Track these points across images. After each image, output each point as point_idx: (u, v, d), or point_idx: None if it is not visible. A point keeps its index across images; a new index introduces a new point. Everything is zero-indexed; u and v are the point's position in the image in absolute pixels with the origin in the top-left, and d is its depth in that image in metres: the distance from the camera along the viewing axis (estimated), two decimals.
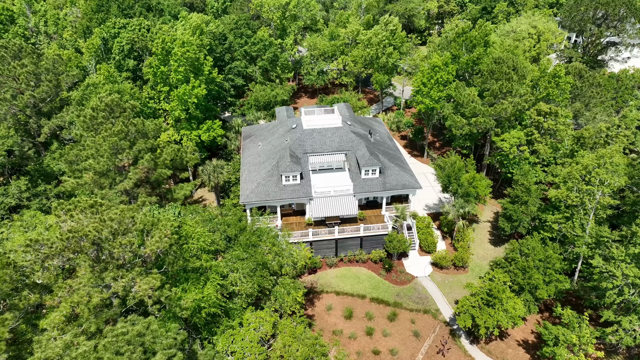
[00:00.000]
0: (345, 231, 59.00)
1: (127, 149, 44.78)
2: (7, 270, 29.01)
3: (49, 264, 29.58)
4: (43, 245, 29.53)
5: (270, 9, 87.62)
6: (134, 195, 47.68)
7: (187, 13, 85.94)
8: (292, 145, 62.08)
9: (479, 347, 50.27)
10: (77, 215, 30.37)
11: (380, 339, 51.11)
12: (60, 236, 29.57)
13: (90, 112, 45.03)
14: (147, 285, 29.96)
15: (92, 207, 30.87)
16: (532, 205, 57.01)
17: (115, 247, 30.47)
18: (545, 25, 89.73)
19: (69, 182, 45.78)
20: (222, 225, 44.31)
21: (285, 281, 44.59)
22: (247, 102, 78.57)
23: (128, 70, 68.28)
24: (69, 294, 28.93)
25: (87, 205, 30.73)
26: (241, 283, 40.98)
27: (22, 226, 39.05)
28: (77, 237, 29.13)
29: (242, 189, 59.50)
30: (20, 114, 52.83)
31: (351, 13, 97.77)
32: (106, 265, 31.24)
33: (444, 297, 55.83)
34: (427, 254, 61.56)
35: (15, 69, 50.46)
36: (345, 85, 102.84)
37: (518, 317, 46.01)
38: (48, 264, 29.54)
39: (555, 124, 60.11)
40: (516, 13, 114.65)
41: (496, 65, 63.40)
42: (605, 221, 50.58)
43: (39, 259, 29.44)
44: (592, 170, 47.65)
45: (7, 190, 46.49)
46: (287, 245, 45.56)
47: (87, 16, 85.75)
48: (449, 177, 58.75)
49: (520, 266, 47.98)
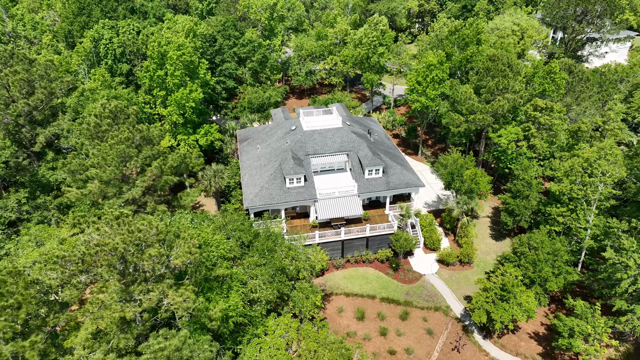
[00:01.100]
0: (352, 232, 58.76)
1: (135, 156, 43.33)
2: (32, 290, 27.54)
3: (77, 280, 28.23)
4: (69, 262, 28.16)
5: (257, 9, 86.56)
6: (141, 203, 46.21)
7: (172, 15, 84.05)
8: (293, 147, 61.40)
9: (492, 341, 50.84)
10: (103, 227, 29.10)
11: (394, 339, 51.09)
12: (87, 250, 28.27)
13: (94, 120, 43.37)
14: (181, 298, 28.95)
15: (118, 218, 29.63)
16: (533, 199, 58.07)
17: (145, 259, 29.36)
18: (528, 22, 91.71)
19: (72, 192, 43.94)
20: (237, 231, 43.37)
21: (303, 285, 44.04)
22: (240, 104, 77.41)
23: (121, 75, 66.12)
24: (100, 310, 27.66)
25: (112, 217, 29.46)
26: (261, 290, 40.22)
27: (31, 241, 37.21)
28: (107, 251, 27.90)
29: (245, 193, 58.50)
30: (11, 124, 50.51)
31: (338, 13, 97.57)
32: (134, 278, 30.09)
33: (453, 294, 56.24)
34: (432, 251, 61.94)
35: (8, 77, 48.16)
36: (334, 85, 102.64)
37: (532, 310, 46.69)
38: (76, 281, 28.18)
39: (551, 119, 61.37)
40: (496, 11, 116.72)
41: (492, 62, 64.25)
42: (606, 212, 51.86)
43: (65, 275, 28.06)
44: (593, 163, 48.76)
45: (6, 204, 44.23)
46: (304, 248, 44.95)
47: (68, 20, 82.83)
48: (452, 174, 59.24)
49: (531, 260, 48.71)
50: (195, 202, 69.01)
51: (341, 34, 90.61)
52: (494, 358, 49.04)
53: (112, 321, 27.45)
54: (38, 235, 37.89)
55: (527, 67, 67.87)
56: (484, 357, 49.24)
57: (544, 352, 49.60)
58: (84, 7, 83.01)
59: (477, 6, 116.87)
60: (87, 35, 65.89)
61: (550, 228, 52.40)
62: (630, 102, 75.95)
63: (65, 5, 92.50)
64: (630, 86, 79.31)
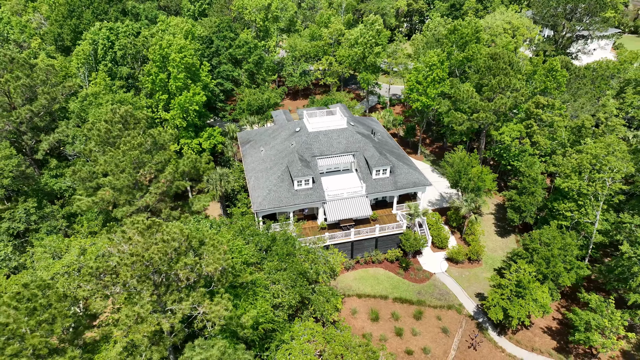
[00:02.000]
0: (361, 233, 58.54)
1: (149, 162, 42.29)
2: (65, 303, 26.51)
3: (112, 291, 27.28)
4: (103, 273, 27.21)
5: (252, 10, 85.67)
6: (155, 210, 45.13)
7: (165, 17, 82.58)
8: (299, 149, 60.89)
9: (507, 337, 51.22)
10: (135, 237, 28.20)
11: (410, 339, 51.05)
12: (121, 261, 27.37)
13: (105, 125, 42.15)
14: (218, 307, 28.25)
15: (150, 227, 28.75)
16: (539, 195, 58.80)
17: (179, 268, 28.58)
18: (519, 20, 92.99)
19: (83, 201, 42.59)
20: (255, 236, 42.71)
21: (323, 289, 43.61)
22: (239, 106, 76.48)
23: (122, 79, 64.46)
24: (136, 323, 26.77)
25: (144, 226, 28.57)
26: (283, 294, 39.68)
27: (46, 252, 35.89)
28: (143, 262, 27.04)
29: (253, 197, 57.77)
30: (12, 131, 48.80)
31: (332, 13, 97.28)
32: (166, 288, 29.27)
33: (464, 292, 56.51)
34: (440, 249, 62.17)
35: (9, 82, 46.46)
36: (328, 86, 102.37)
37: (547, 305, 47.17)
38: (111, 292, 27.23)
39: (552, 116, 62.21)
40: (484, 10, 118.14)
41: (493, 61, 64.83)
42: (613, 207, 52.75)
43: (100, 287, 27.09)
44: (602, 159, 49.54)
45: (13, 214, 42.57)
46: (323, 251, 44.53)
47: (57, 23, 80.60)
48: (460, 172, 59.55)
49: (544, 255, 49.20)
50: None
51: (336, 34, 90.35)
52: (510, 354, 49.42)
53: (145, 334, 26.57)
54: (52, 246, 36.54)
55: (526, 65, 68.65)
56: (501, 354, 49.58)
57: (558, 346, 50.21)
58: (73, 10, 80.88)
59: (465, 5, 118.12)
60: (85, 37, 64.08)
61: (560, 223, 53.02)
62: (623, 98, 77.57)
63: (52, 8, 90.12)
64: (622, 82, 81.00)
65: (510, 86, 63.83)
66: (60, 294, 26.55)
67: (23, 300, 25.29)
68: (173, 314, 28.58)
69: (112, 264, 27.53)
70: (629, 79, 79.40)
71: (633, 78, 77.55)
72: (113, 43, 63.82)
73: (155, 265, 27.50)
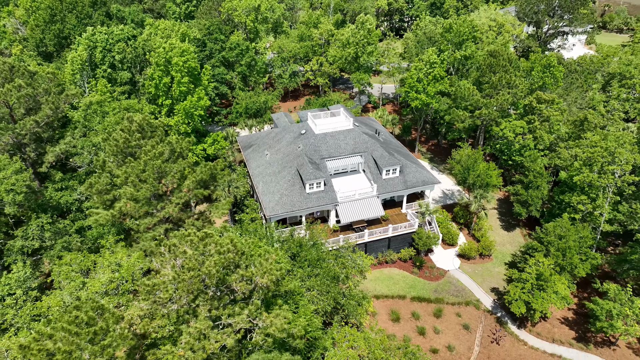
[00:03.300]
0: (375, 233, 58.31)
1: (170, 171, 40.76)
2: (124, 325, 25.06)
3: (170, 309, 25.98)
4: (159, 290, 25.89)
5: (242, 12, 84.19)
6: (176, 221, 43.55)
7: (153, 20, 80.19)
8: (307, 151, 60.15)
9: (527, 330, 52.03)
10: (191, 251, 26.98)
11: (433, 337, 51.18)
12: (177, 277, 26.13)
13: (123, 135, 40.35)
14: (279, 319, 27.35)
15: (204, 239, 27.57)
16: (544, 189, 60.05)
17: (235, 280, 27.55)
18: (503, 17, 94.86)
19: (101, 214, 40.59)
20: (284, 242, 41.81)
21: (354, 292, 43.12)
22: (236, 110, 75.02)
23: (123, 84, 61.86)
24: (198, 340, 25.57)
25: (198, 238, 27.37)
26: (319, 300, 39.01)
27: (74, 270, 33.88)
28: (202, 276, 25.89)
29: (264, 202, 56.68)
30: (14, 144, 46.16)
31: (320, 13, 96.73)
32: (218, 302, 28.17)
33: (479, 287, 57.09)
34: (450, 246, 62.64)
35: (11, 92, 43.83)
36: (317, 87, 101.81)
37: (568, 296, 48.14)
38: (169, 310, 25.92)
39: (552, 111, 63.61)
40: (464, 8, 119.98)
41: (493, 58, 65.81)
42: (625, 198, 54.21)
43: (158, 305, 25.76)
44: (614, 151, 50.94)
45: (26, 232, 40.10)
46: (352, 254, 44.04)
47: (39, 28, 77.00)
48: (468, 169, 60.12)
49: (561, 247, 50.17)
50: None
51: (326, 34, 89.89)
52: (532, 346, 50.21)
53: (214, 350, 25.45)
54: (78, 264, 34.57)
55: (523, 62, 70.00)
56: (523, 347, 50.32)
57: (577, 336, 51.35)
58: (55, 14, 77.44)
59: (446, 3, 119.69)
60: (80, 42, 61.20)
61: (571, 215, 54.19)
62: (609, 91, 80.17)
63: (29, 12, 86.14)
64: (607, 76, 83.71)
65: (510, 83, 64.92)
66: (118, 315, 25.10)
67: (82, 325, 23.77)
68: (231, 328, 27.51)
69: (166, 280, 26.23)
70: (613, 72, 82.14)
71: (618, 72, 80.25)
72: (111, 47, 61.24)
73: (213, 279, 26.39)
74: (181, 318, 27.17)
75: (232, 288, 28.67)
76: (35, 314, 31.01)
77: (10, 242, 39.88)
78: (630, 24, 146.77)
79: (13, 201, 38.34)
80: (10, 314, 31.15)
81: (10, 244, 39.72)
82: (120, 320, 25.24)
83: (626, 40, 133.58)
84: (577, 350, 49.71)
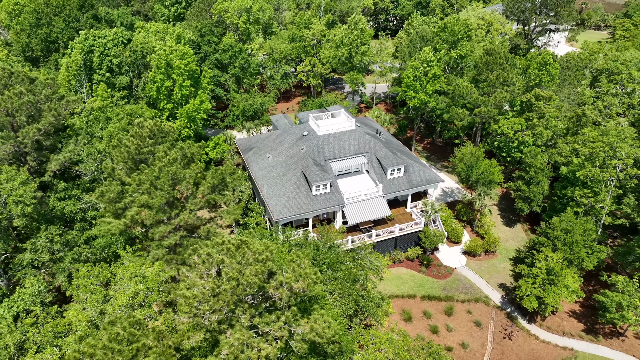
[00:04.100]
0: (382, 233, 58.25)
1: (186, 177, 39.83)
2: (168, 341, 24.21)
3: (211, 321, 25.23)
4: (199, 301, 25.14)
5: (234, 13, 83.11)
6: (189, 228, 42.58)
7: (143, 23, 78.51)
8: (311, 153, 59.70)
9: (537, 325, 52.68)
10: (229, 259, 26.29)
11: (447, 335, 51.37)
12: (217, 287, 25.43)
13: (134, 142, 39.22)
14: (322, 325, 26.90)
15: (239, 247, 26.91)
16: (545, 184, 60.97)
17: (273, 287, 26.98)
18: (491, 16, 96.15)
19: (113, 224, 39.32)
20: (301, 247, 41.31)
21: (372, 294, 42.91)
22: (232, 113, 74.00)
23: (122, 89, 60.07)
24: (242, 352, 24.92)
25: (233, 246, 26.69)
26: (340, 304, 38.67)
27: (93, 282, 32.64)
28: (244, 285, 25.24)
29: (271, 205, 56.03)
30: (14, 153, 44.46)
31: (311, 14, 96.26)
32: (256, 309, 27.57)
33: (487, 283, 57.59)
34: (455, 244, 63.04)
35: (12, 99, 42.12)
36: (308, 88, 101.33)
37: (578, 289, 48.91)
38: (211, 322, 25.17)
39: (549, 108, 64.63)
40: (450, 7, 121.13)
41: (490, 56, 66.50)
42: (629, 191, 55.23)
43: (201, 317, 25.00)
44: (615, 146, 51.98)
45: (34, 244, 38.47)
46: (370, 256, 43.82)
47: (25, 32, 74.51)
48: (472, 166, 60.58)
49: (568, 242, 50.93)
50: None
51: (319, 34, 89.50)
52: (544, 340, 50.87)
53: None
54: (97, 276, 33.35)
55: (519, 59, 70.96)
56: (535, 341, 50.92)
57: (586, 328, 52.26)
58: (41, 18, 75.02)
59: (432, 2, 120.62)
60: (74, 47, 59.26)
61: (574, 209, 55.08)
62: (598, 87, 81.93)
63: (11, 16, 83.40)
64: (594, 72, 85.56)
65: (507, 80, 65.70)
66: (158, 331, 24.23)
67: (124, 342, 22.88)
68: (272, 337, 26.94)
69: (206, 290, 25.51)
70: (601, 68, 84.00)
71: (605, 68, 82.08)
72: (109, 52, 59.45)
73: (254, 287, 25.79)
74: (217, 328, 26.45)
75: (267, 295, 28.12)
76: (59, 331, 29.73)
77: (19, 256, 38.26)
78: (608, 21, 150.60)
79: (22, 213, 36.82)
80: (33, 332, 29.81)
81: (20, 258, 38.11)
82: (161, 335, 24.39)
83: (605, 37, 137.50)
84: (587, 342, 50.58)
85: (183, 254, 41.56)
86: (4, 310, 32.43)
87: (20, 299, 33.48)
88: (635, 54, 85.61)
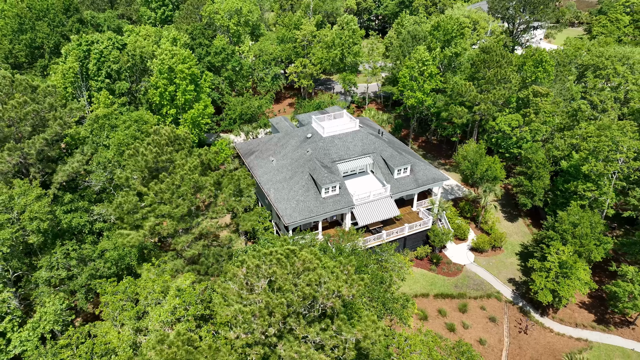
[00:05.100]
0: (392, 233, 58.15)
1: (206, 185, 38.70)
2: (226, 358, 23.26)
3: (269, 335, 24.40)
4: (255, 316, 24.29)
5: (224, 15, 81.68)
6: (208, 235, 41.42)
7: (132, 26, 76.31)
8: (317, 155, 59.13)
9: (550, 317, 53.50)
10: (280, 270, 25.51)
11: (463, 333, 51.63)
12: (271, 300, 24.64)
13: (153, 150, 37.85)
14: (379, 332, 26.41)
15: (289, 256, 26.17)
16: (546, 178, 62.07)
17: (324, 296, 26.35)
18: (477, 14, 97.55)
19: (132, 235, 37.82)
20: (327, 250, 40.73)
21: (397, 295, 42.70)
22: (229, 116, 72.68)
23: (123, 95, 57.85)
24: None
25: (282, 256, 25.92)
26: (369, 307, 38.30)
27: (122, 299, 31.17)
28: (301, 295, 24.53)
29: (280, 210, 55.17)
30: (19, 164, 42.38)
31: (300, 15, 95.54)
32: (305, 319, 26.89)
33: (496, 279, 58.18)
34: (461, 241, 63.50)
35: (16, 109, 40.03)
36: (298, 89, 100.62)
37: (590, 281, 49.89)
38: (270, 335, 24.34)
39: (546, 104, 65.83)
40: (433, 6, 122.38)
41: (487, 54, 67.28)
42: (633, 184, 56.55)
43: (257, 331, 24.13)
44: (617, 140, 53.27)
45: (50, 261, 36.52)
46: (393, 257, 43.57)
47: (7, 37, 71.33)
48: (476, 163, 61.13)
49: (577, 235, 51.91)
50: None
51: (309, 35, 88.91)
52: (559, 332, 51.68)
53: None
54: (124, 291, 31.90)
55: (515, 57, 72.03)
56: (550, 334, 51.69)
57: (597, 318, 53.38)
58: (24, 23, 71.96)
59: (415, 2, 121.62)
60: (70, 53, 56.79)
61: (578, 202, 56.18)
62: (584, 83, 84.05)
63: None
64: (580, 68, 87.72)
65: (505, 78, 66.61)
66: (215, 347, 23.27)
67: None
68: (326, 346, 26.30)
69: (262, 305, 24.69)
70: (587, 64, 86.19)
71: (591, 63, 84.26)
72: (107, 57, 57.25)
73: (310, 298, 25.12)
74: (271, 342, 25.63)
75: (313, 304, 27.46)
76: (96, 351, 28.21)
77: (35, 274, 36.32)
78: (581, 18, 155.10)
79: (37, 229, 34.97)
80: (68, 355, 28.20)
81: (36, 276, 36.18)
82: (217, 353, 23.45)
83: (580, 34, 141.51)
84: (599, 332, 51.66)
85: (205, 264, 40.46)
86: (28, 333, 30.68)
87: (43, 319, 31.77)
88: (618, 49, 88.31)
